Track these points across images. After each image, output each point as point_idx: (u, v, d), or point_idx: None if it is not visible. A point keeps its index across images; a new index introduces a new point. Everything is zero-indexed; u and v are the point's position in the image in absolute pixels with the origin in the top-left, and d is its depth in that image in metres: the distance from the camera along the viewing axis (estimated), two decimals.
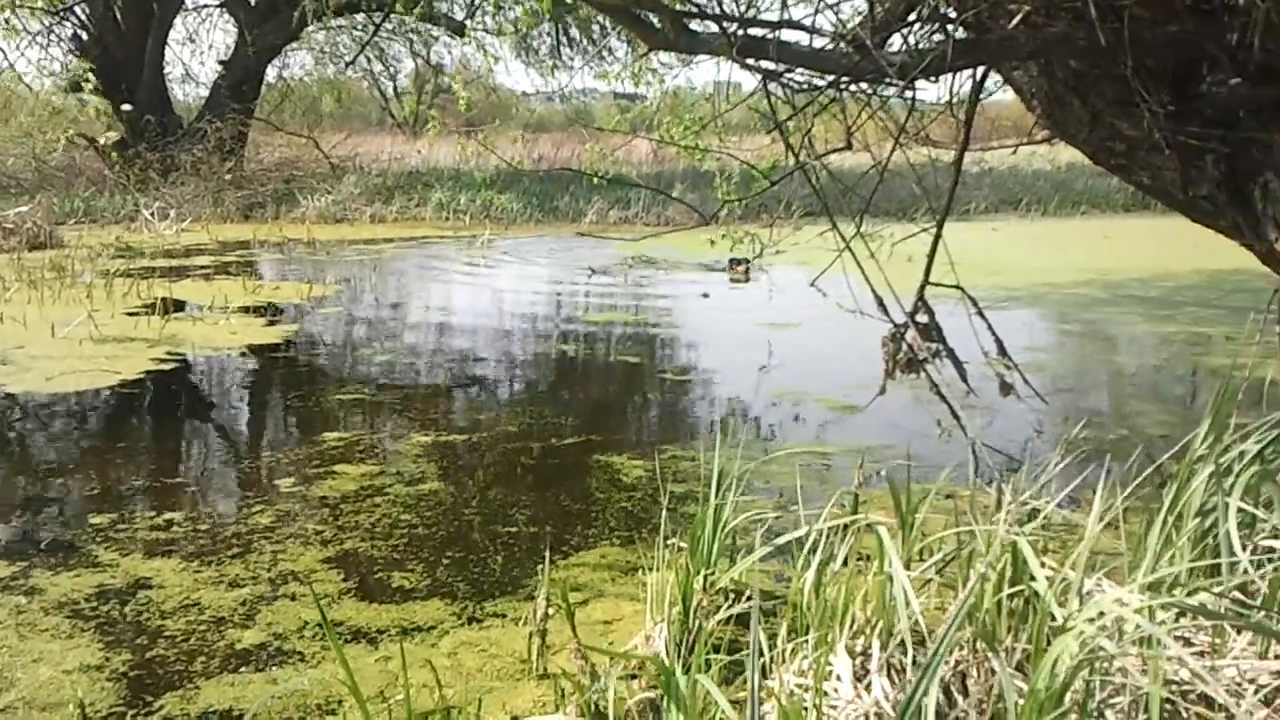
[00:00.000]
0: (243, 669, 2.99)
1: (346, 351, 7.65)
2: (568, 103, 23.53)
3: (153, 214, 14.80)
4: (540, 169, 11.97)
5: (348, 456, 4.96)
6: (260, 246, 13.68)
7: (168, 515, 4.20)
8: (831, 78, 3.98)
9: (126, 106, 16.79)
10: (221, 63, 20.08)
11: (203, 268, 11.48)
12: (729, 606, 2.99)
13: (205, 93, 20.76)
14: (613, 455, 4.99)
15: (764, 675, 2.62)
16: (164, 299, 8.84)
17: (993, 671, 2.29)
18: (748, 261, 10.92)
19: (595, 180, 9.16)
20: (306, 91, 24.35)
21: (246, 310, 8.92)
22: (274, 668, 3.00)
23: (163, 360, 6.97)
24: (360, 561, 3.75)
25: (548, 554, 3.54)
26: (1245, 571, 2.04)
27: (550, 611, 2.92)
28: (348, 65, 23.12)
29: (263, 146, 20.56)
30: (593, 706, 2.36)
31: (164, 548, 3.88)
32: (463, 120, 17.15)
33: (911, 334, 4.63)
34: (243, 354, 7.34)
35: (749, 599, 3.13)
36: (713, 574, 3.13)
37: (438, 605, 3.38)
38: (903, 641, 2.58)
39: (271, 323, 8.58)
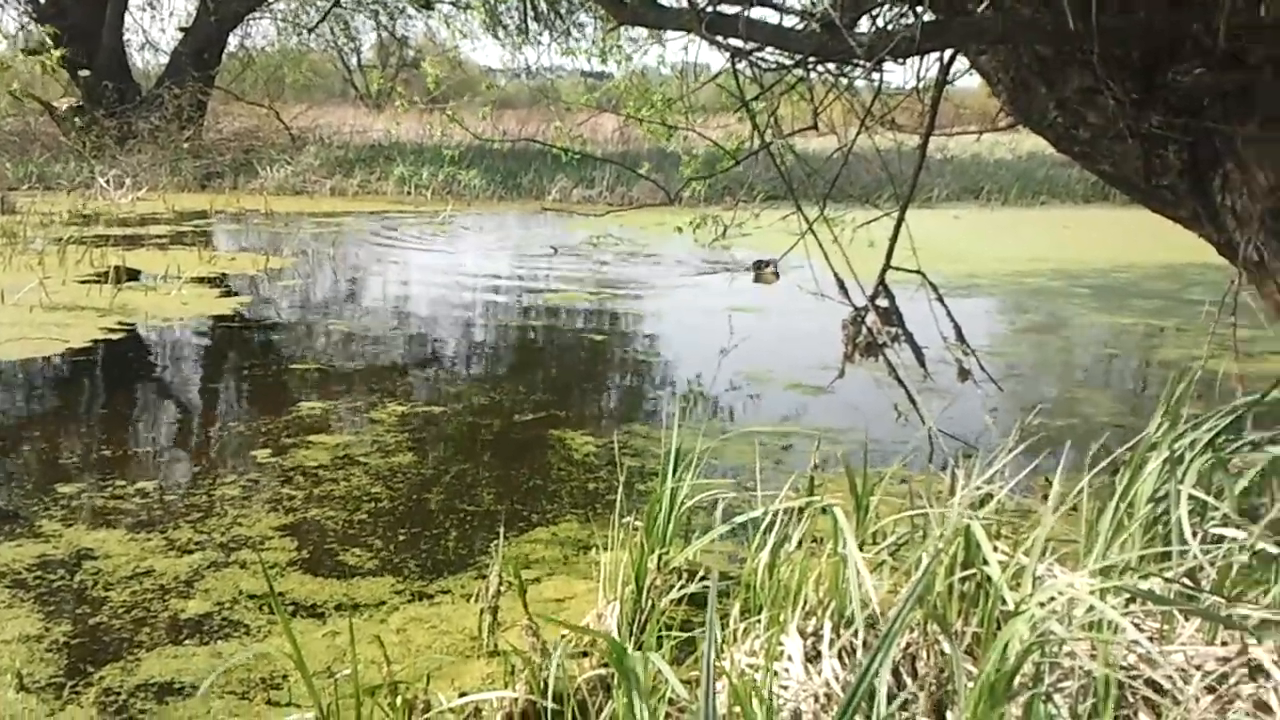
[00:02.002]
0: (186, 641, 2.94)
1: (303, 324, 7.56)
2: (535, 79, 23.38)
3: (108, 181, 14.54)
4: (506, 142, 11.85)
5: (301, 430, 4.89)
6: (217, 217, 13.49)
7: (115, 485, 4.13)
8: (799, 57, 3.95)
9: (84, 72, 16.49)
10: (182, 29, 19.74)
11: (158, 237, 11.30)
12: (682, 586, 2.98)
13: (165, 60, 20.42)
14: (572, 432, 4.96)
15: (716, 655, 2.61)
16: (117, 268, 8.69)
17: (943, 654, 2.29)
18: (775, 262, 9.90)
19: (563, 157, 9.11)
20: (269, 62, 24.01)
21: (201, 281, 8.78)
22: (219, 640, 2.95)
23: (113, 329, 6.84)
24: (311, 535, 3.70)
25: (502, 530, 3.51)
26: (1195, 558, 2.04)
27: (502, 589, 2.89)
28: (310, 31, 22.79)
29: (222, 116, 20.25)
30: (543, 684, 2.34)
31: (110, 517, 3.81)
32: (428, 95, 17.01)
33: (871, 318, 4.63)
34: (197, 324, 7.23)
35: (703, 579, 3.13)
36: (667, 553, 3.11)
37: (388, 580, 3.34)
38: (854, 623, 2.58)
39: (227, 294, 8.45)
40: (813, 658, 2.49)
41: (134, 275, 8.79)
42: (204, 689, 2.68)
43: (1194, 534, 2.12)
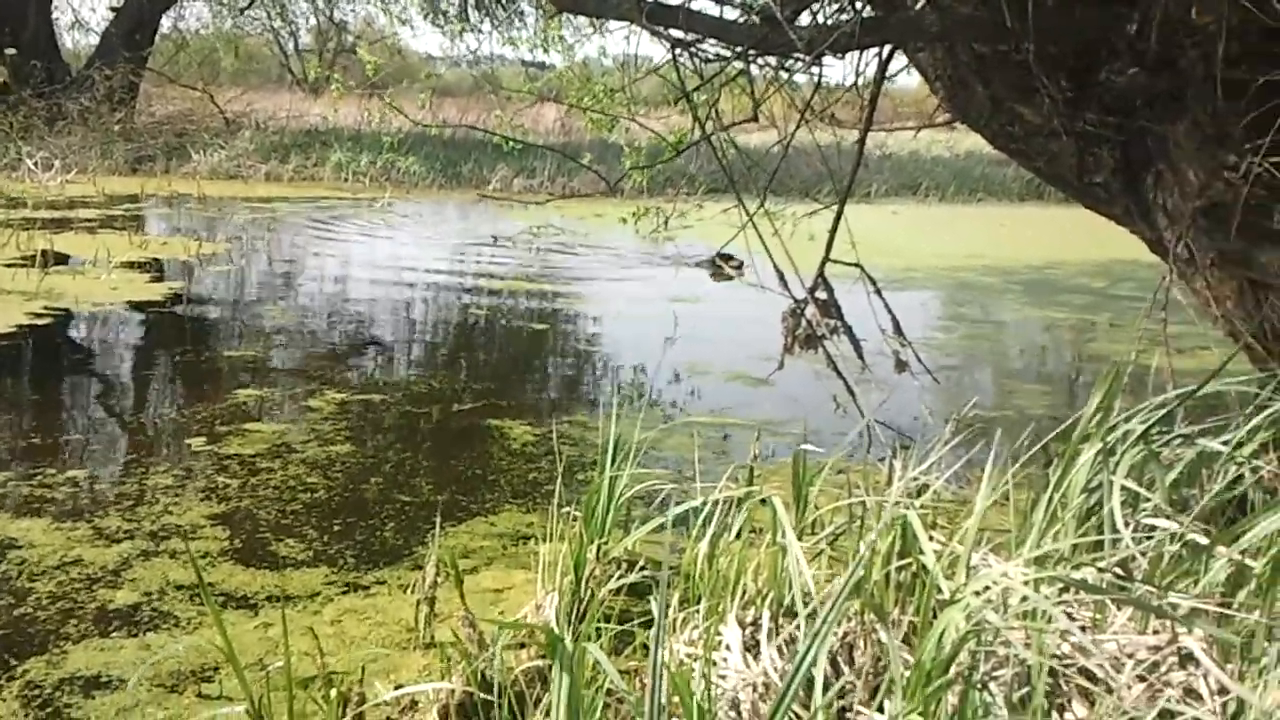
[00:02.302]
0: (114, 633, 2.87)
1: (237, 311, 7.43)
2: (476, 68, 23.19)
3: (36, 163, 14.16)
4: (446, 128, 11.74)
5: (235, 418, 4.81)
6: (149, 201, 13.21)
7: (42, 473, 4.02)
8: (740, 49, 3.96)
9: (10, 51, 16.04)
10: (113, 9, 19.30)
11: (87, 221, 11.03)
12: (621, 576, 2.97)
13: (96, 40, 19.96)
14: (511, 422, 4.93)
15: (662, 646, 2.60)
16: (45, 251, 8.45)
17: (880, 643, 2.31)
18: (736, 260, 8.31)
19: (504, 146, 9.03)
20: (203, 44, 23.58)
21: (132, 266, 8.59)
22: (148, 632, 2.88)
23: (40, 314, 6.67)
24: (244, 525, 3.64)
25: (438, 520, 3.48)
26: (1127, 548, 2.08)
27: (439, 579, 2.86)
28: (242, 12, 22.39)
29: (155, 98, 19.85)
30: (480, 675, 2.32)
31: (36, 506, 3.71)
32: (366, 81, 16.80)
33: (811, 310, 4.66)
34: (128, 310, 7.07)
35: (642, 569, 3.13)
36: (606, 543, 3.10)
37: (323, 571, 3.29)
38: (793, 612, 2.59)
39: (158, 279, 8.28)
40: (751, 647, 2.50)
41: (62, 259, 8.57)
42: (132, 682, 2.62)
43: (1126, 524, 2.16)
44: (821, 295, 4.69)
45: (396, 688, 2.50)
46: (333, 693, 2.41)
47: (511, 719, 2.12)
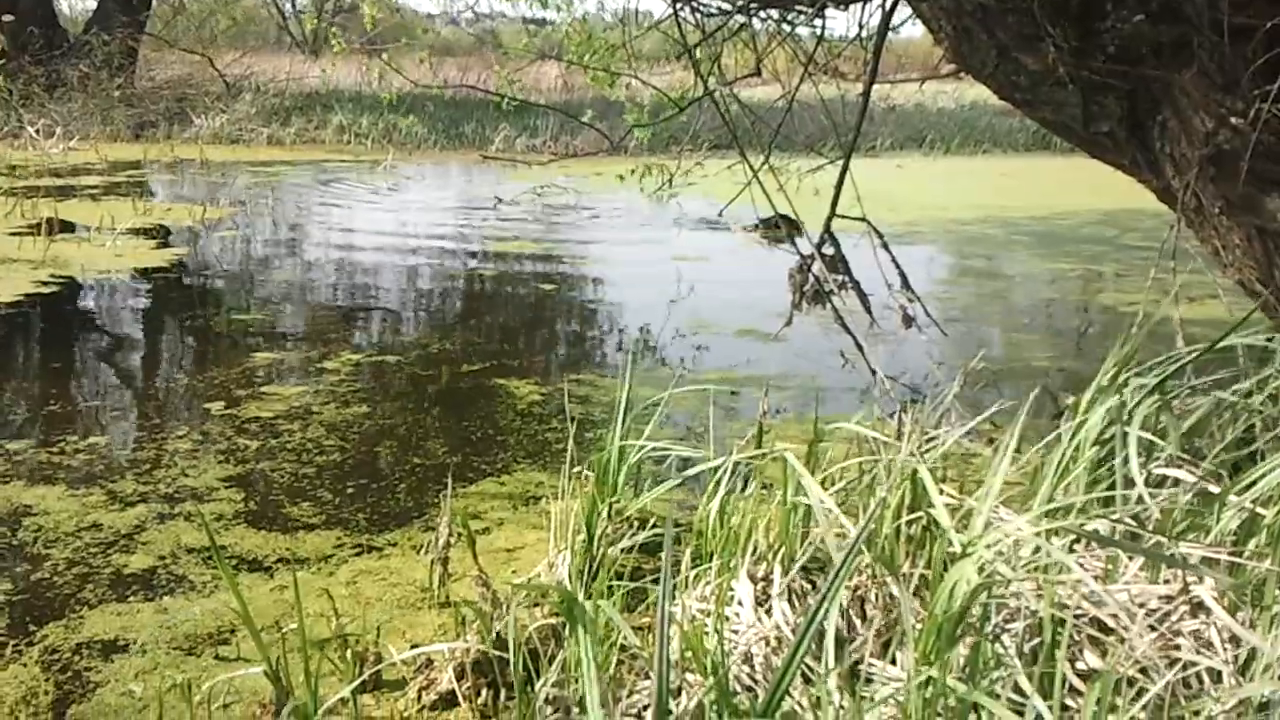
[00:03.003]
0: (131, 597, 2.90)
1: (244, 275, 7.43)
2: (475, 25, 23.00)
3: (38, 131, 14.10)
4: (446, 89, 11.65)
5: (246, 382, 4.82)
6: (151, 167, 13.17)
7: (55, 441, 4.04)
8: (741, 3, 3.92)
9: (8, 18, 15.93)
10: None
11: (91, 188, 11.00)
12: (633, 535, 2.99)
13: (93, 6, 19.80)
14: (521, 382, 4.94)
15: (671, 600, 2.62)
16: (50, 219, 8.44)
17: (892, 596, 2.33)
18: (789, 220, 6.95)
19: (503, 105, 8.97)
20: (201, 8, 23.37)
21: (137, 232, 8.58)
22: (164, 596, 2.91)
23: (48, 283, 6.68)
24: (257, 488, 3.66)
25: (450, 481, 3.49)
26: (1139, 499, 2.09)
27: (452, 540, 2.88)
28: None
29: (154, 64, 19.72)
30: (494, 634, 2.34)
31: (49, 473, 3.73)
32: (365, 40, 16.67)
33: (818, 266, 4.65)
34: (135, 277, 7.07)
35: (654, 527, 3.14)
36: (618, 502, 3.12)
37: (337, 533, 3.31)
38: (805, 567, 2.61)
39: (164, 245, 8.28)
40: (762, 602, 2.52)
41: (68, 227, 8.56)
42: (149, 645, 2.65)
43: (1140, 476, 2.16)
44: (828, 251, 4.68)
45: (412, 647, 2.53)
46: (349, 653, 2.44)
47: (526, 676, 2.14)
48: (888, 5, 4.52)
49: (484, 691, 2.33)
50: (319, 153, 15.55)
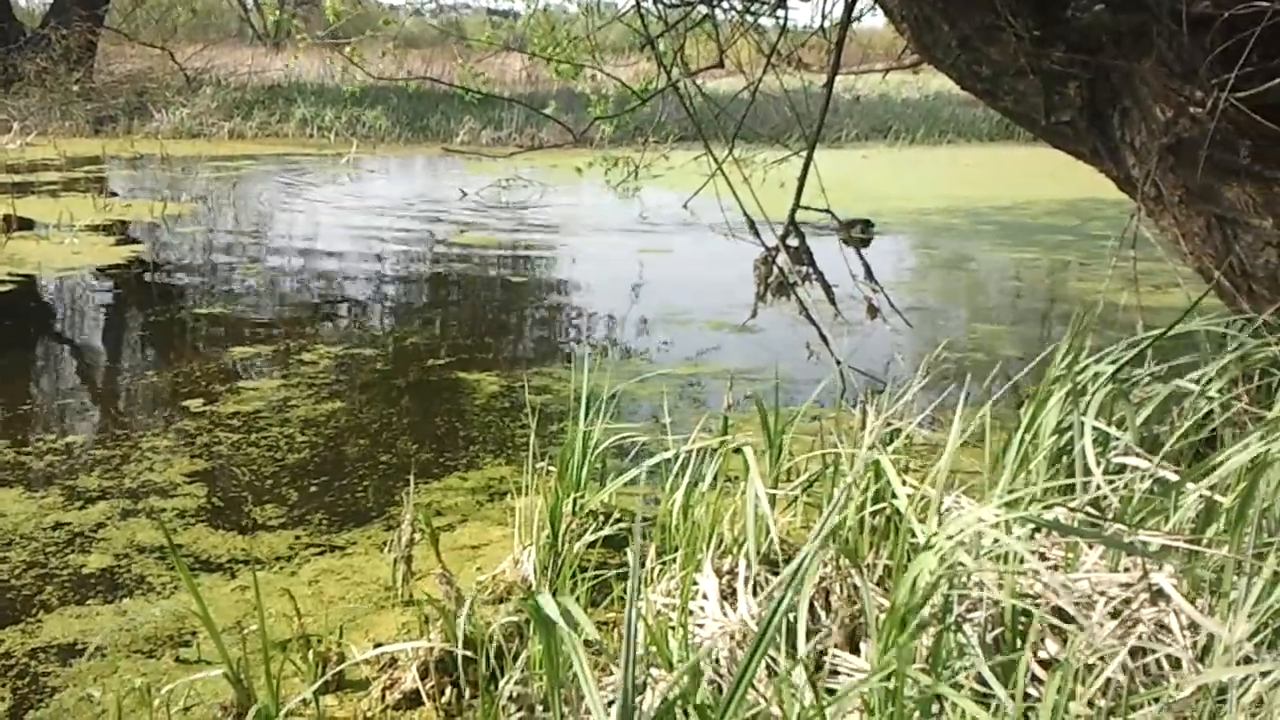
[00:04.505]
0: (90, 599, 2.86)
1: (206, 272, 7.34)
2: (439, 17, 22.84)
3: None
4: (409, 80, 11.58)
5: (208, 379, 4.76)
6: (111, 162, 13.00)
7: (9, 439, 3.98)
8: None
9: None
10: None
11: (50, 184, 10.85)
12: (597, 529, 2.98)
13: None
14: (487, 375, 4.91)
15: (638, 596, 2.61)
16: (7, 216, 8.31)
17: (856, 588, 2.33)
18: (865, 224, 8.90)
19: (466, 98, 8.91)
20: (160, 0, 23.07)
21: (97, 229, 8.46)
22: (124, 597, 2.87)
23: (5, 281, 6.58)
24: (219, 487, 3.62)
25: (413, 478, 3.47)
26: (1098, 488, 2.09)
27: (416, 537, 2.86)
28: None
29: (114, 57, 19.46)
30: (458, 632, 2.32)
31: (9, 472, 3.67)
32: (328, 32, 16.52)
33: (782, 257, 4.65)
34: (95, 274, 6.98)
35: (618, 521, 3.14)
36: (582, 496, 3.11)
37: (299, 532, 3.28)
38: (769, 559, 2.61)
39: (125, 241, 8.17)
40: (728, 595, 2.51)
41: (26, 224, 8.41)
42: (108, 648, 2.61)
43: (1098, 464, 2.17)
44: (793, 242, 4.69)
45: (375, 646, 2.50)
46: (311, 653, 2.41)
47: (490, 674, 2.12)
48: None
49: (448, 690, 2.32)
50: (282, 146, 15.40)
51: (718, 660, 2.19)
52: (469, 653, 2.27)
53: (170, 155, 13.40)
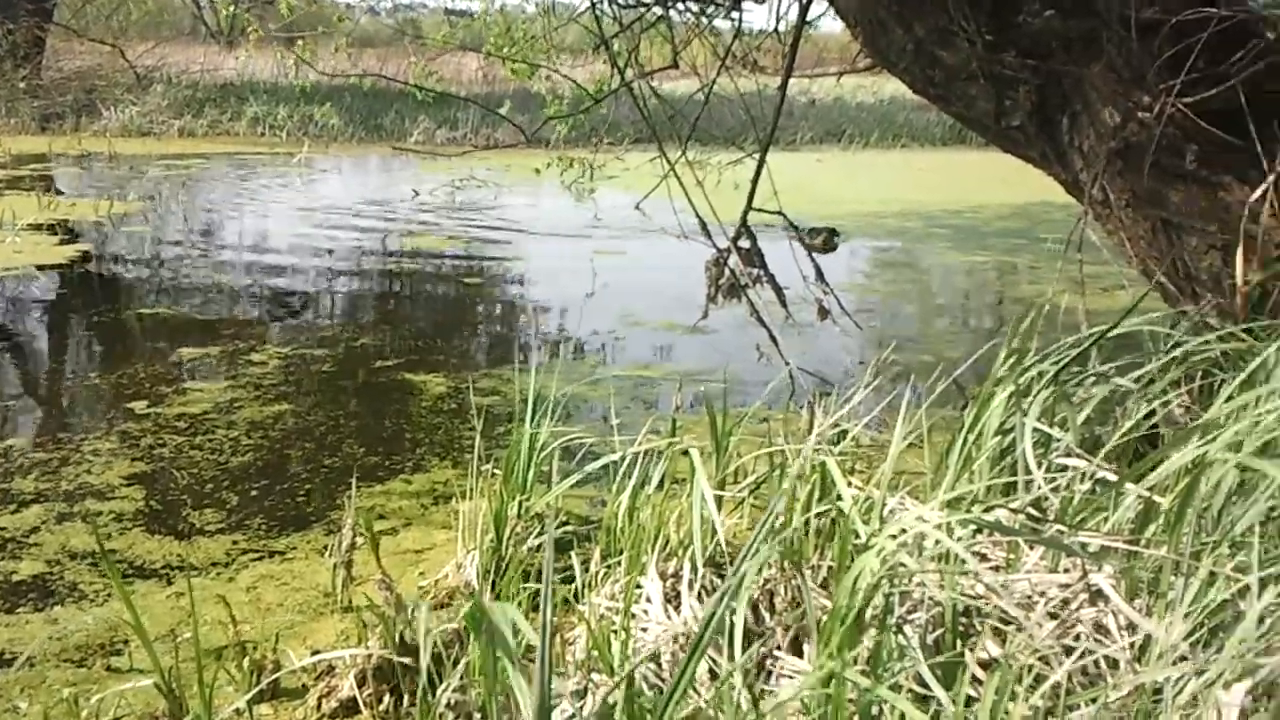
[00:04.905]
0: (20, 606, 2.78)
1: (154, 272, 7.22)
2: (394, 16, 22.69)
3: None
4: (364, 77, 11.45)
5: (152, 381, 4.67)
6: (58, 160, 12.78)
7: None
8: None
9: None
10: None
11: None
12: (542, 533, 2.94)
13: None
14: (435, 377, 4.85)
15: (576, 600, 2.59)
16: None
17: (800, 589, 2.31)
18: (831, 233, 8.86)
19: (420, 96, 8.84)
20: None
21: (41, 228, 8.29)
22: (55, 605, 2.79)
23: None
24: (158, 490, 3.54)
25: (354, 481, 3.41)
26: (1039, 488, 2.09)
27: (358, 542, 2.81)
28: None
29: (62, 53, 19.11)
30: (398, 638, 2.28)
31: None
32: (281, 29, 16.34)
33: (734, 259, 4.64)
34: (38, 273, 6.84)
35: (564, 524, 3.10)
36: (527, 499, 3.07)
37: (238, 537, 3.21)
38: (715, 562, 2.59)
39: (68, 240, 8.01)
40: (673, 599, 2.49)
41: None
42: (37, 658, 2.54)
43: (1039, 464, 2.17)
44: (745, 244, 4.68)
45: (313, 654, 2.45)
46: (246, 661, 2.36)
47: (429, 682, 2.08)
48: None
49: (386, 698, 2.27)
50: (233, 145, 15.22)
51: (659, 665, 2.17)
52: (408, 659, 2.23)
53: (119, 153, 13.20)
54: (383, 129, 16.76)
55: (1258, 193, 2.92)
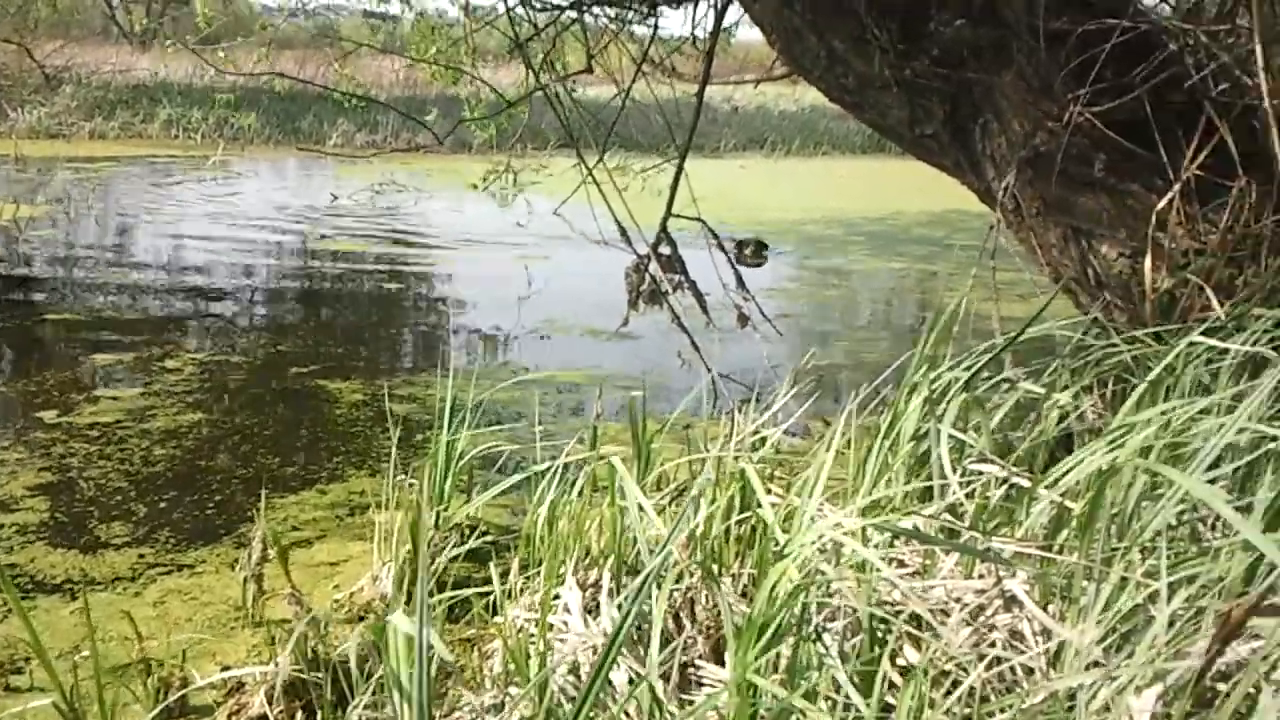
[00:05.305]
0: None
1: (62, 278, 7.00)
2: (313, 19, 22.35)
3: None
4: (282, 79, 11.23)
5: (63, 388, 4.52)
6: None
7: None
8: None
9: None
10: None
11: None
12: (460, 543, 2.90)
13: None
14: (353, 386, 4.77)
15: (494, 612, 2.55)
16: None
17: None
18: (759, 245, 8.81)
19: (340, 99, 8.71)
20: None
21: None
22: None
23: None
24: (61, 503, 3.42)
25: (264, 492, 3.33)
26: (954, 494, 2.11)
27: (269, 555, 2.74)
28: None
29: None
30: (309, 653, 2.22)
31: None
32: (198, 34, 16.03)
33: (654, 265, 4.63)
34: None
35: (483, 534, 3.06)
36: (446, 509, 3.02)
37: (144, 550, 3.12)
38: (635, 570, 2.57)
39: None
40: (592, 609, 2.46)
41: None
42: None
43: (954, 470, 2.19)
44: (665, 250, 4.67)
45: (223, 670, 2.38)
46: (152, 679, 2.28)
47: (339, 697, 2.03)
48: (720, 5, 4.53)
49: (298, 715, 2.21)
50: (146, 148, 14.87)
51: (578, 676, 2.14)
52: (320, 675, 2.17)
53: (26, 156, 12.81)
54: (300, 132, 16.51)
55: (1164, 200, 2.99)
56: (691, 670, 2.25)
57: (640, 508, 2.46)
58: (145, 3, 28.08)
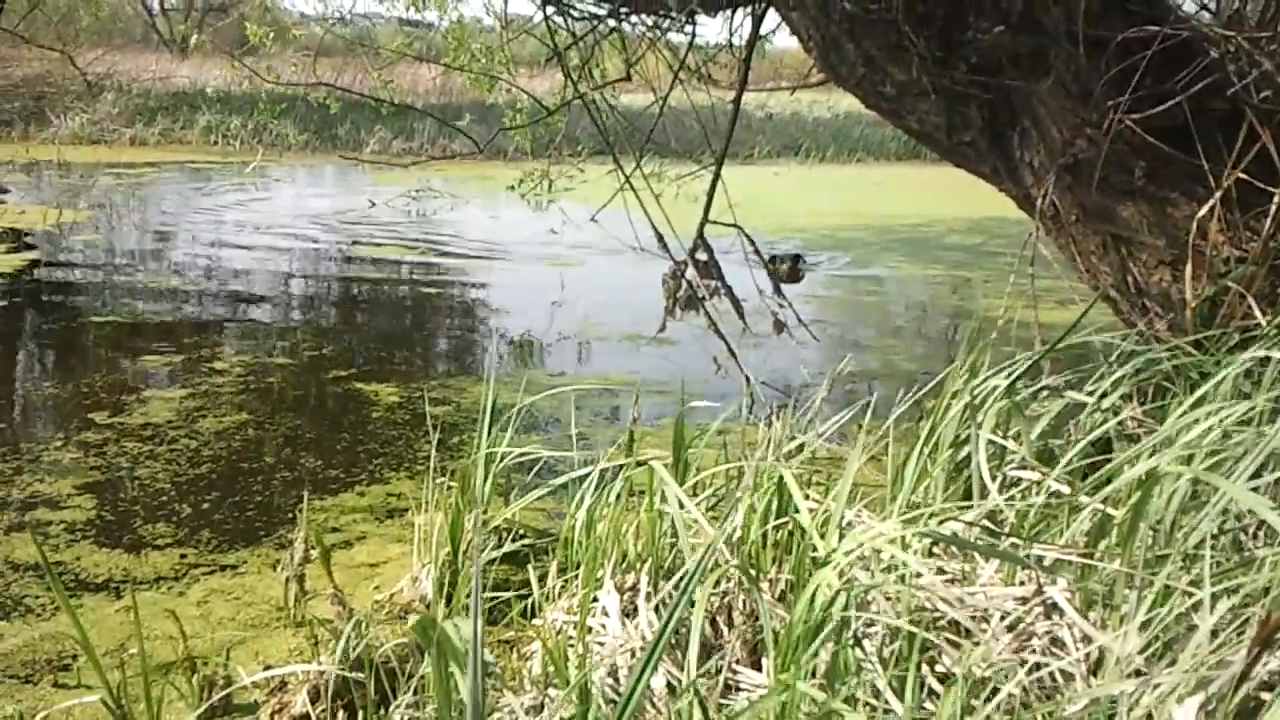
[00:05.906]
0: None
1: (105, 282, 7.10)
2: (350, 27, 22.54)
3: None
4: (320, 87, 11.37)
5: (106, 391, 4.59)
6: (5, 168, 12.56)
7: None
8: (610, 7, 3.89)
9: None
10: None
11: None
12: (498, 545, 2.92)
13: None
14: (392, 389, 4.81)
15: (533, 614, 2.57)
16: None
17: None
18: (796, 259, 8.51)
19: (378, 106, 8.78)
20: (60, 2, 22.42)
21: None
22: (2, 620, 2.73)
23: None
24: (110, 504, 3.48)
25: (306, 493, 3.37)
26: (994, 501, 2.11)
27: (310, 556, 2.77)
28: None
29: (10, 60, 18.84)
30: (351, 653, 2.25)
31: None
32: (238, 43, 16.22)
33: (691, 272, 4.64)
34: None
35: (521, 537, 3.08)
36: (485, 513, 3.05)
37: (189, 551, 3.16)
38: (672, 574, 2.58)
39: (14, 249, 7.87)
40: (630, 612, 2.48)
41: None
42: None
43: (994, 478, 2.18)
44: (702, 256, 4.69)
45: (265, 669, 2.42)
46: (196, 677, 2.32)
47: (381, 697, 2.06)
48: (758, 13, 4.54)
49: (340, 714, 2.24)
50: (185, 154, 15.06)
51: (616, 679, 2.16)
52: (361, 675, 2.20)
53: (69, 162, 13.02)
54: (338, 139, 16.65)
55: (1205, 208, 2.97)
56: (729, 675, 2.26)
57: (681, 505, 2.47)
58: (185, 11, 28.43)
